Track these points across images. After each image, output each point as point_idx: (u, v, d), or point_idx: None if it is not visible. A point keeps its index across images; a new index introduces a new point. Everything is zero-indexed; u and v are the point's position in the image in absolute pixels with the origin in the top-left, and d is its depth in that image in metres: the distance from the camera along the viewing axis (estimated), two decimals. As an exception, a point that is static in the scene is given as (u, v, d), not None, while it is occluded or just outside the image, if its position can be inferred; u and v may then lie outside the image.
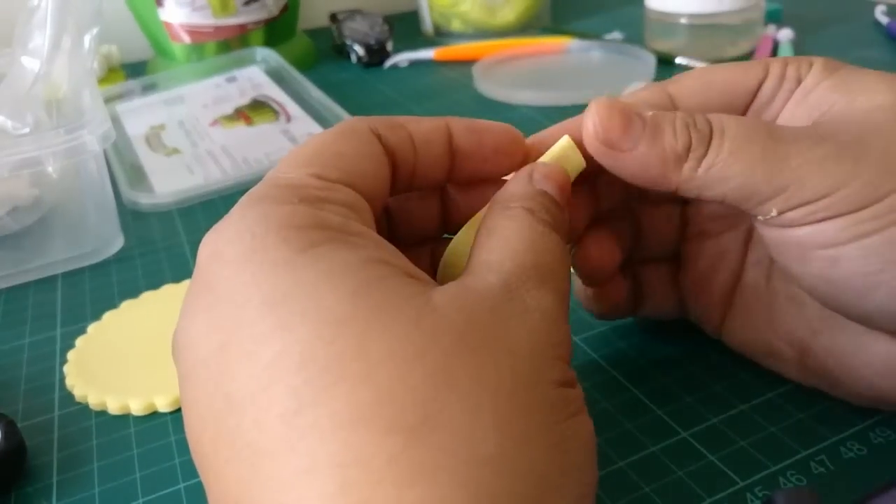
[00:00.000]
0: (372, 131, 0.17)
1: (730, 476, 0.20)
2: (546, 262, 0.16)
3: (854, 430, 0.21)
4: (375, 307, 0.13)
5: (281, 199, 0.15)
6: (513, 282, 0.15)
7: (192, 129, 0.46)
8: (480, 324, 0.14)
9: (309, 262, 0.13)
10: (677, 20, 0.52)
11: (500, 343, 0.13)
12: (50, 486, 0.22)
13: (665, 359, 0.25)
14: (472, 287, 0.14)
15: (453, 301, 0.14)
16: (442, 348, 0.13)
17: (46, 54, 0.35)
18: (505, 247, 0.16)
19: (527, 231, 0.16)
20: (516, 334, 0.14)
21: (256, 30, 0.56)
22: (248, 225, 0.14)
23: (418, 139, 0.18)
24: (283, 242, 0.14)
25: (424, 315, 0.13)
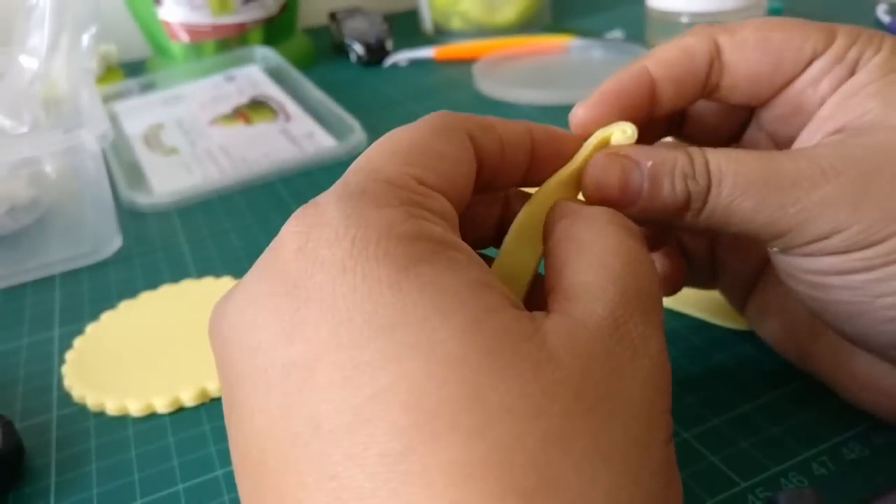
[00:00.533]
0: (467, 133, 0.17)
1: (731, 477, 0.20)
2: (646, 287, 0.15)
3: (856, 432, 0.21)
4: (489, 350, 0.12)
5: (382, 200, 0.14)
6: (620, 314, 0.14)
7: (190, 129, 0.46)
8: (596, 375, 0.13)
9: (416, 286, 0.12)
10: (678, 19, 0.52)
11: (615, 400, 0.13)
12: (48, 488, 0.22)
13: (666, 359, 0.24)
14: (581, 323, 0.13)
15: (568, 344, 0.13)
16: (560, 406, 0.12)
17: (44, 53, 0.35)
18: (602, 266, 0.15)
19: (623, 248, 0.15)
20: (629, 387, 0.13)
21: (255, 28, 0.56)
22: (348, 228, 0.13)
23: (507, 142, 0.17)
24: (388, 257, 0.13)
25: (542, 364, 0.12)
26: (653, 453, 0.13)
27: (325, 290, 0.13)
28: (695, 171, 0.17)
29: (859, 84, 0.18)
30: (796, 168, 0.17)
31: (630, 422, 0.13)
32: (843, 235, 0.16)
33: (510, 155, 0.18)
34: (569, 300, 0.14)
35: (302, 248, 0.13)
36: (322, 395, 0.12)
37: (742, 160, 0.17)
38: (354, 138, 0.42)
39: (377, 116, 0.47)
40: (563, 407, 0.12)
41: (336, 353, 0.12)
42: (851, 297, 0.17)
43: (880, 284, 0.16)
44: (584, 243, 0.15)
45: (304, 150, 0.42)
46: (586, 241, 0.15)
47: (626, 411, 0.13)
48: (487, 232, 0.20)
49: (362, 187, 0.14)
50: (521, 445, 0.11)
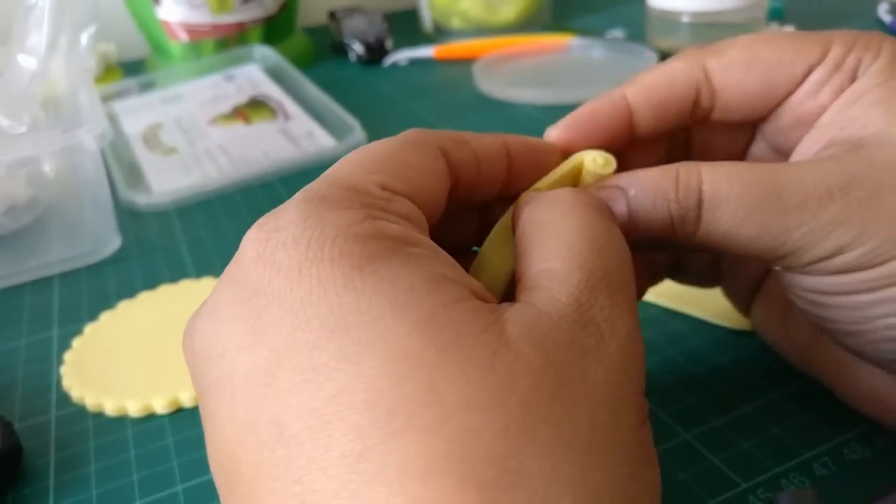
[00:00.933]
0: (439, 147, 0.17)
1: (732, 478, 0.20)
2: (615, 268, 0.14)
3: (857, 432, 0.21)
4: (446, 343, 0.12)
5: (341, 203, 0.14)
6: (584, 300, 0.14)
7: (189, 128, 0.46)
8: (557, 363, 0.13)
9: (370, 284, 0.12)
10: (679, 18, 0.52)
11: (578, 388, 0.13)
12: (47, 489, 0.22)
13: (666, 360, 0.24)
14: (544, 311, 0.13)
15: (528, 334, 0.13)
16: (519, 397, 0.12)
17: (43, 53, 0.35)
18: (567, 249, 0.14)
19: (589, 228, 0.15)
20: (593, 375, 0.13)
21: (255, 28, 0.56)
22: (304, 230, 0.13)
23: (482, 157, 0.17)
24: (343, 256, 0.13)
25: (499, 354, 0.12)
26: (622, 439, 0.13)
27: (283, 295, 0.13)
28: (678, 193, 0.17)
29: (860, 91, 0.18)
30: (802, 188, 0.16)
31: (595, 409, 0.13)
32: (846, 256, 0.16)
33: (486, 169, 0.18)
34: (532, 289, 0.14)
35: (261, 255, 0.13)
36: (284, 400, 0.12)
37: (744, 178, 0.16)
38: (354, 138, 0.42)
39: (377, 116, 0.47)
40: (523, 397, 0.12)
41: (296, 356, 0.12)
42: (852, 316, 0.17)
43: (882, 305, 0.16)
44: (547, 227, 0.15)
45: (303, 149, 0.42)
46: (550, 225, 0.15)
47: (591, 398, 0.13)
48: (467, 238, 0.20)
49: (323, 193, 0.14)
50: (480, 438, 0.11)
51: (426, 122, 0.46)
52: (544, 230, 0.15)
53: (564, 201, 0.16)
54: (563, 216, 0.15)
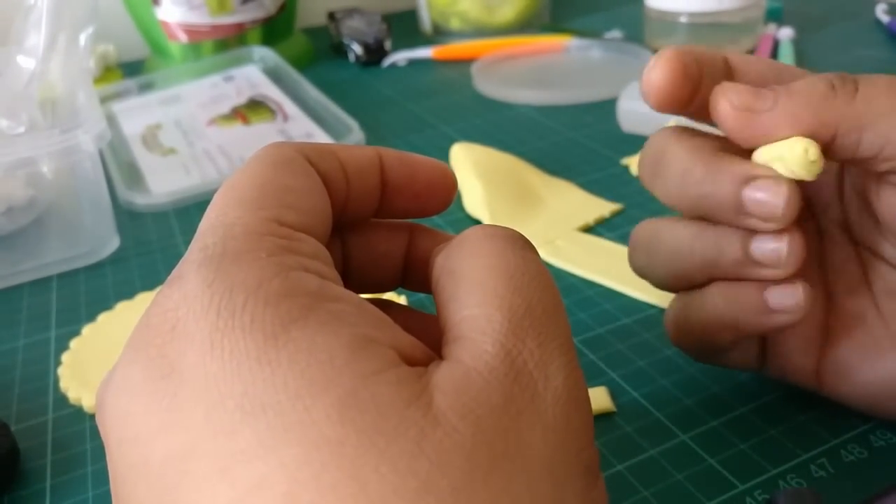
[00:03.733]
0: (307, 159, 0.15)
1: (729, 480, 0.20)
2: (537, 302, 0.13)
3: (855, 433, 0.21)
4: (367, 426, 0.11)
5: (246, 256, 0.13)
6: (511, 346, 0.12)
7: (188, 129, 0.46)
8: (489, 433, 0.11)
9: (286, 357, 0.11)
10: (677, 19, 0.52)
11: (514, 458, 0.11)
12: (43, 490, 0.22)
13: (663, 361, 0.24)
14: (472, 368, 0.12)
15: (457, 401, 0.12)
16: (450, 481, 0.11)
17: (42, 53, 0.35)
18: (482, 291, 0.13)
19: (502, 263, 0.14)
20: (530, 438, 0.12)
21: (254, 28, 0.56)
22: (211, 297, 0.12)
23: (350, 168, 0.16)
24: (254, 324, 0.12)
25: (427, 433, 0.11)
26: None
27: (198, 371, 0.12)
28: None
29: None
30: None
31: (535, 480, 0.11)
32: None
33: (356, 181, 0.16)
34: (457, 340, 0.13)
35: (174, 328, 0.12)
36: (201, 491, 0.11)
37: None
38: (352, 138, 0.42)
39: (375, 116, 0.47)
40: (455, 479, 0.11)
41: (212, 441, 0.11)
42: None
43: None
44: (460, 271, 0.14)
45: (302, 150, 0.42)
46: (462, 268, 0.14)
47: (530, 467, 0.11)
48: (393, 272, 0.18)
49: (221, 248, 0.13)
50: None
51: (425, 123, 0.46)
52: (457, 274, 0.14)
53: (473, 239, 0.14)
54: (474, 256, 0.14)
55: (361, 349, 0.12)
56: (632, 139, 0.40)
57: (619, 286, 0.28)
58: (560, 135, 0.42)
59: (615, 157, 0.39)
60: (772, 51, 0.52)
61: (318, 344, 0.12)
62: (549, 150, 0.40)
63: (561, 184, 0.36)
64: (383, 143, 0.43)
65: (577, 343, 0.26)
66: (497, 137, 0.42)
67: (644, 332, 0.26)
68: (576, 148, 0.40)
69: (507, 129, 0.44)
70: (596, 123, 0.43)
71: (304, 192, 0.15)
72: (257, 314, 0.12)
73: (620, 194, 0.35)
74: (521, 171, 0.36)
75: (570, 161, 0.39)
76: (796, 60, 0.50)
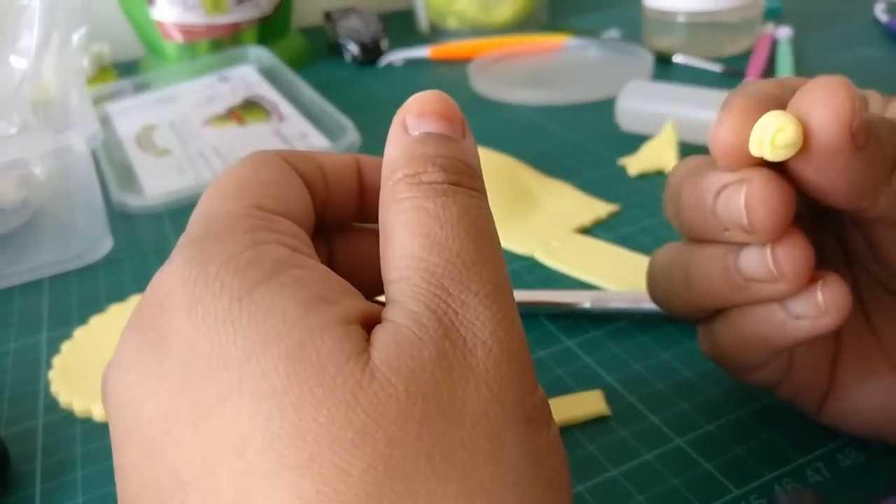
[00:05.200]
0: (285, 160, 0.16)
1: (725, 484, 0.20)
2: (456, 254, 0.13)
3: (851, 437, 0.21)
4: (310, 376, 0.12)
5: (222, 234, 0.14)
6: (435, 304, 0.13)
7: (183, 130, 0.46)
8: (423, 389, 0.12)
9: (246, 316, 0.12)
10: (675, 18, 0.51)
11: (448, 413, 0.12)
12: (33, 496, 0.22)
13: (659, 364, 0.24)
14: (404, 327, 0.12)
15: (392, 358, 0.12)
16: (385, 432, 0.11)
17: (34, 54, 0.34)
18: (402, 255, 0.13)
19: (420, 216, 0.13)
20: (464, 392, 0.12)
21: (249, 28, 0.55)
22: (191, 270, 0.13)
23: (329, 171, 0.17)
24: (223, 289, 0.13)
25: (363, 386, 0.12)
26: (507, 462, 0.12)
27: (180, 337, 0.13)
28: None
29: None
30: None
31: (470, 433, 0.12)
32: None
33: (335, 184, 0.17)
34: (391, 304, 0.13)
35: (162, 302, 0.13)
36: (178, 446, 0.12)
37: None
38: (348, 139, 0.42)
39: (371, 117, 0.47)
40: (389, 431, 0.11)
41: (187, 398, 0.12)
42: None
43: None
44: (386, 231, 0.14)
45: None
46: (388, 227, 0.14)
47: (464, 421, 0.12)
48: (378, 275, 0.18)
49: (202, 231, 0.14)
50: (347, 478, 0.11)
51: (421, 123, 0.46)
52: (385, 234, 0.14)
53: (397, 194, 0.14)
54: (396, 212, 0.14)
55: (313, 308, 0.12)
56: (629, 139, 0.40)
57: (615, 287, 0.28)
58: (557, 135, 0.42)
59: (612, 157, 0.39)
60: (770, 50, 0.52)
61: (276, 304, 0.12)
62: (545, 150, 0.40)
63: (557, 185, 0.36)
64: (379, 143, 0.43)
65: (572, 346, 0.25)
66: (494, 138, 0.42)
67: (640, 334, 0.26)
68: (572, 148, 0.40)
69: (503, 129, 0.44)
70: (593, 123, 0.43)
71: (282, 184, 0.15)
72: (226, 281, 0.13)
73: (617, 195, 0.35)
74: (517, 171, 0.36)
75: (566, 161, 0.39)
76: (795, 60, 0.50)
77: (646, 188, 0.35)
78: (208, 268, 0.13)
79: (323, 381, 0.12)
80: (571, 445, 0.21)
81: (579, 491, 0.20)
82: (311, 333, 0.12)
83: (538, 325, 0.26)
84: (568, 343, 0.25)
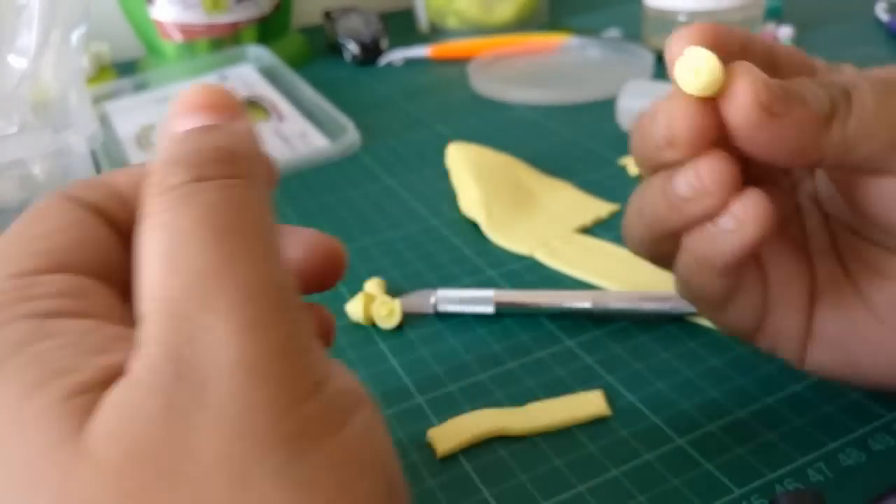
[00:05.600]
0: (66, 198, 0.14)
1: (726, 484, 0.20)
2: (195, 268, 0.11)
3: (853, 437, 0.21)
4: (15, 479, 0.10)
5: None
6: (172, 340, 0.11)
7: (183, 129, 0.46)
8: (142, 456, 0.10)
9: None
10: (676, 17, 0.51)
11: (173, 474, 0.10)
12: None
13: (660, 364, 0.24)
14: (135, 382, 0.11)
15: (112, 429, 0.10)
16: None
17: (33, 53, 0.34)
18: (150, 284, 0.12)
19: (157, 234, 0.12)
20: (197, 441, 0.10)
21: (249, 27, 0.55)
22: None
23: (127, 189, 0.15)
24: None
25: (70, 474, 0.10)
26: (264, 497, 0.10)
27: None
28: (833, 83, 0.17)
29: None
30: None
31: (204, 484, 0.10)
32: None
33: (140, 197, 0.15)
34: (136, 349, 0.11)
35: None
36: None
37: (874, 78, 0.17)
38: (348, 138, 0.42)
39: (371, 116, 0.47)
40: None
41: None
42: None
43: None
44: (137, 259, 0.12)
45: (296, 150, 0.42)
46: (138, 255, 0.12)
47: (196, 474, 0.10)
48: None
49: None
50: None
51: (421, 123, 0.46)
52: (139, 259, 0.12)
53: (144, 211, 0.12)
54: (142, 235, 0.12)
55: (37, 389, 0.11)
56: (629, 139, 0.40)
57: (615, 287, 0.28)
58: (557, 134, 0.42)
59: (612, 156, 0.39)
60: (770, 49, 0.52)
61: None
62: (546, 149, 0.40)
63: (558, 184, 0.36)
64: (379, 142, 0.43)
65: (573, 346, 0.25)
66: (494, 137, 0.42)
67: (640, 334, 0.25)
68: (573, 148, 0.40)
69: (503, 128, 0.43)
70: (593, 123, 0.43)
71: (61, 230, 0.14)
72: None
73: (618, 194, 0.35)
74: (517, 171, 0.36)
75: (567, 161, 0.38)
76: (795, 59, 0.50)
77: (646, 188, 0.35)
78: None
79: (30, 479, 0.10)
80: (572, 445, 0.21)
81: (580, 491, 0.20)
82: (21, 424, 0.11)
83: (538, 324, 0.26)
84: (568, 343, 0.25)
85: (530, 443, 0.21)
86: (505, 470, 0.21)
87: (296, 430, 0.11)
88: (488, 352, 0.25)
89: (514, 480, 0.20)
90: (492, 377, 0.24)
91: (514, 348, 0.25)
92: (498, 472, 0.21)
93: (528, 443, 0.21)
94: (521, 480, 0.20)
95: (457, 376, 0.24)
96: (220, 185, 0.12)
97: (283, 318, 0.11)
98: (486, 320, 0.27)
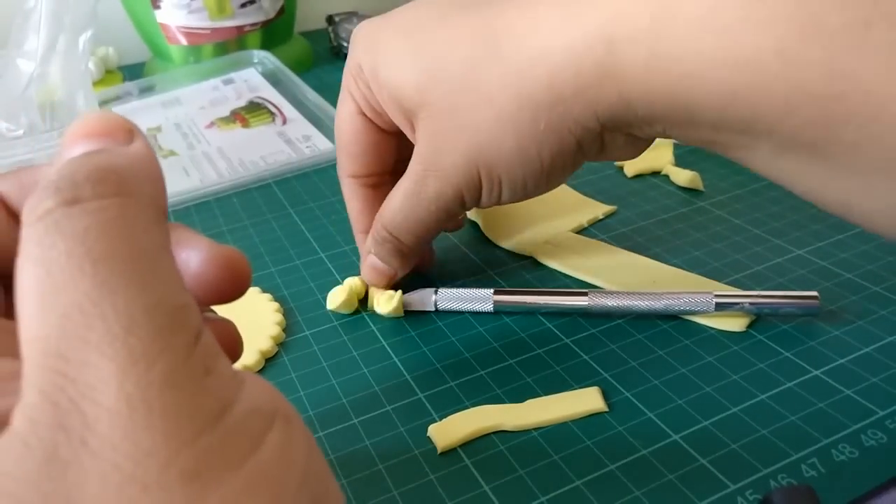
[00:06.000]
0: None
1: (720, 479, 0.20)
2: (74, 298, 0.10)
3: (846, 433, 0.21)
4: None
5: None
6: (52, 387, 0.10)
7: (188, 132, 0.46)
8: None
9: None
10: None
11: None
12: None
13: (655, 361, 0.24)
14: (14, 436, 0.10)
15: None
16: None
17: (41, 56, 0.35)
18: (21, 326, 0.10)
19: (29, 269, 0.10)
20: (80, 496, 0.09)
21: (253, 32, 0.56)
22: None
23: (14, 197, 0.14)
24: None
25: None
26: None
27: None
28: None
29: None
30: None
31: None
32: None
33: None
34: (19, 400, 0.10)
35: None
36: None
37: None
38: (350, 141, 0.42)
39: (374, 119, 0.47)
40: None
41: None
42: None
43: None
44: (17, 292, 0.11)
45: (300, 152, 0.43)
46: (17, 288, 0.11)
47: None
48: None
49: None
50: None
51: (423, 126, 0.46)
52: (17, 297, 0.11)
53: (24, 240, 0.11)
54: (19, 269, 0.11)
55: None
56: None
57: (611, 286, 0.28)
58: (557, 137, 0.42)
59: (611, 159, 0.39)
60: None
61: None
62: (545, 152, 0.40)
63: (557, 186, 0.36)
64: (381, 145, 0.43)
65: (570, 343, 0.26)
66: (494, 140, 0.42)
67: (636, 332, 0.26)
68: (572, 150, 0.40)
69: (504, 131, 0.44)
70: (593, 126, 0.43)
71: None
72: None
73: (614, 196, 0.35)
74: (517, 173, 0.36)
75: (566, 163, 0.39)
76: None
77: (642, 189, 0.36)
78: None
79: None
80: (569, 441, 0.22)
81: (577, 486, 0.20)
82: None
83: (537, 323, 0.27)
84: (566, 340, 0.26)
85: (529, 438, 0.22)
86: (504, 464, 0.21)
87: (194, 468, 0.10)
88: (488, 349, 0.26)
89: (513, 475, 0.21)
90: (491, 374, 0.24)
91: (513, 346, 0.26)
92: (497, 466, 0.21)
93: (526, 438, 0.22)
94: (520, 475, 0.21)
95: (457, 373, 0.25)
96: (93, 208, 0.11)
97: (171, 344, 0.10)
98: (486, 318, 0.27)
